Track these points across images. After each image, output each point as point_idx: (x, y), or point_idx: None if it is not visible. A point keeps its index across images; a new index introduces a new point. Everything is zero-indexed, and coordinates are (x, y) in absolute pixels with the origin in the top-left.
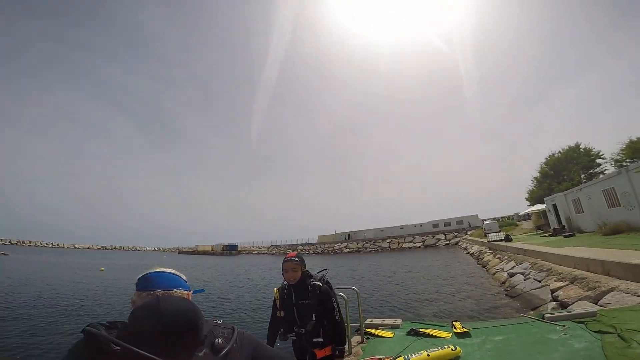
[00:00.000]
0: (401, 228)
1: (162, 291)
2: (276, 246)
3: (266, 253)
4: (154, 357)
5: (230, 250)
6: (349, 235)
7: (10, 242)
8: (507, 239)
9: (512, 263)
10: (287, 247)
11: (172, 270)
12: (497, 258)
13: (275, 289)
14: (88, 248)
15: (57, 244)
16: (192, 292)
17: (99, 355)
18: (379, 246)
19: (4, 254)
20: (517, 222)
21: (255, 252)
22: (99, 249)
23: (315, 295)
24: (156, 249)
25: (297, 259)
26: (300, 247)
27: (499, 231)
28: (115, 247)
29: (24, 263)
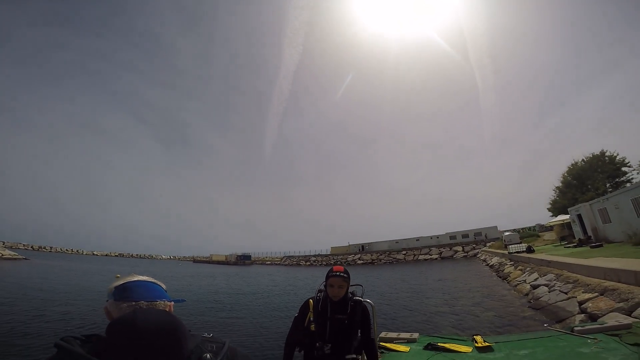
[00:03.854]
0: (417, 240)
1: (145, 303)
2: (289, 257)
3: (279, 264)
4: None
5: (243, 260)
6: (362, 247)
7: (32, 247)
8: (529, 250)
9: (535, 275)
10: (300, 257)
11: (151, 279)
12: (519, 270)
13: (310, 300)
14: (106, 255)
15: (77, 251)
16: (172, 302)
17: None
18: (394, 258)
19: (25, 259)
20: (539, 234)
21: (269, 262)
22: (117, 256)
23: (358, 312)
24: (172, 257)
25: (345, 274)
26: (313, 258)
27: (520, 242)
28: (132, 255)
29: (42, 268)
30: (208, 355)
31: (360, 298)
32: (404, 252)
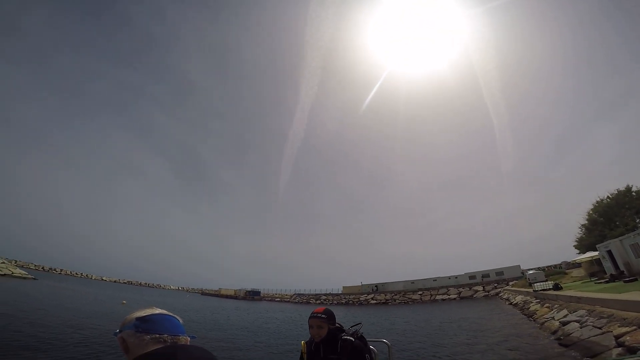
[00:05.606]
0: (434, 280)
1: (168, 336)
2: (299, 295)
3: (289, 301)
4: None
5: (252, 295)
6: (376, 286)
7: (43, 268)
8: (557, 287)
9: (565, 311)
10: (311, 296)
11: (171, 313)
12: (546, 307)
13: (302, 342)
14: (115, 281)
15: (86, 275)
16: (189, 338)
17: None
18: (409, 298)
19: (34, 279)
20: (566, 271)
21: (278, 299)
22: (125, 283)
23: (346, 352)
24: (180, 288)
25: (324, 315)
26: (324, 297)
27: (546, 280)
28: (140, 283)
29: (50, 289)
30: None
31: (349, 337)
32: (420, 292)
